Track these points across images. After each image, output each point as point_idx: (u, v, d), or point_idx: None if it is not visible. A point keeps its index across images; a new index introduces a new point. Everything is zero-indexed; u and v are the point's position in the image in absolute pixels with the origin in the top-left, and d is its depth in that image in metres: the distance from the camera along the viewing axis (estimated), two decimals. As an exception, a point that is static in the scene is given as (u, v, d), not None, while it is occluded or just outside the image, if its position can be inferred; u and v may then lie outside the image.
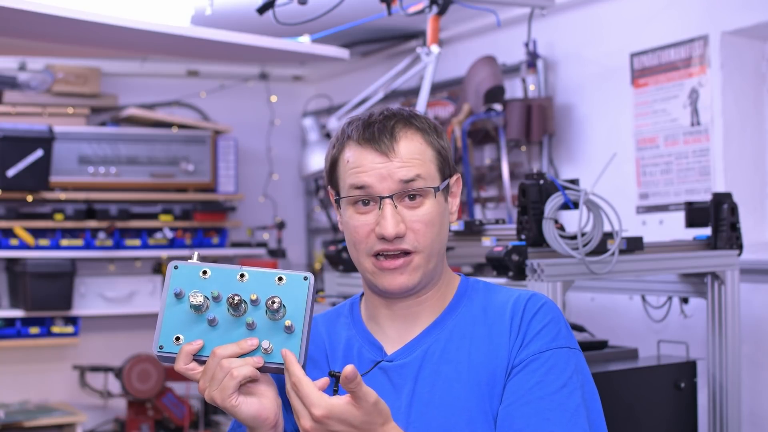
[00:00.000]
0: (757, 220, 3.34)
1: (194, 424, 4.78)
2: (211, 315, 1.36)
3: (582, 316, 3.59)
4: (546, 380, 1.43)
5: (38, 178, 4.51)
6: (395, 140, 1.48)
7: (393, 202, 1.47)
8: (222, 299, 1.38)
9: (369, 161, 1.47)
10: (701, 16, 3.35)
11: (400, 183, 1.47)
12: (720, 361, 2.56)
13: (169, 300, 1.39)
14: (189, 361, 1.36)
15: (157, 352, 1.38)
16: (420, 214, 1.48)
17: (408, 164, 1.47)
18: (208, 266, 1.40)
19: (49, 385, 4.86)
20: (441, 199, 1.52)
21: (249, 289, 1.38)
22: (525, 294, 1.53)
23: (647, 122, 3.55)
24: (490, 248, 2.29)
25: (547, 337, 1.47)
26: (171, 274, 1.40)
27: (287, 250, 5.19)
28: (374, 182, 1.47)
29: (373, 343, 1.55)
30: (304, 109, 5.42)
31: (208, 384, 1.33)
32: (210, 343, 1.36)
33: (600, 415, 1.48)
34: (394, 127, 1.49)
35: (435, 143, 1.52)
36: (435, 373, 1.48)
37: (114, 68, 5.09)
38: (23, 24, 3.11)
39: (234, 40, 3.35)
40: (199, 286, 1.38)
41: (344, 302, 1.66)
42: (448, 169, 1.54)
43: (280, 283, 1.38)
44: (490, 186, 4.15)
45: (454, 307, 1.55)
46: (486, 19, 4.08)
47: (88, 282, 4.75)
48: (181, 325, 1.37)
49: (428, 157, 1.50)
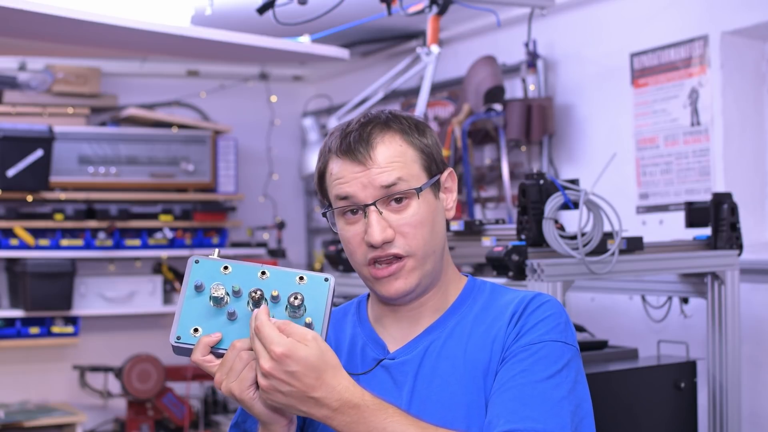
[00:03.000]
0: (757, 220, 3.34)
1: (194, 424, 4.78)
2: (231, 308, 1.37)
3: (582, 316, 3.59)
4: (533, 369, 1.42)
5: (38, 178, 4.51)
6: (371, 147, 1.48)
7: (377, 209, 1.47)
8: (242, 294, 1.38)
9: (349, 172, 1.48)
10: (701, 16, 3.35)
11: (381, 189, 1.47)
12: (720, 361, 2.56)
13: (189, 292, 1.39)
14: (206, 352, 1.36)
15: (174, 342, 1.37)
16: (407, 217, 1.48)
17: (387, 169, 1.47)
18: (230, 262, 1.41)
19: (49, 385, 4.86)
20: (430, 198, 1.51)
21: (270, 286, 1.38)
22: (531, 293, 1.53)
23: (647, 122, 3.55)
24: (490, 248, 2.29)
25: (543, 329, 1.46)
26: (192, 268, 1.40)
27: (287, 250, 5.18)
28: (357, 191, 1.47)
29: (377, 341, 1.56)
30: (304, 109, 5.42)
31: (226, 376, 1.34)
32: (228, 336, 1.36)
33: (589, 416, 1.45)
34: (371, 134, 1.49)
35: (417, 142, 1.51)
36: (433, 370, 1.49)
37: (114, 68, 5.09)
38: (23, 24, 3.11)
39: (234, 40, 3.36)
40: (220, 281, 1.39)
41: (352, 300, 1.67)
42: (435, 165, 1.53)
43: (301, 283, 1.39)
44: (490, 186, 4.15)
45: (457, 307, 1.55)
46: (486, 19, 4.08)
47: (88, 282, 4.75)
48: (199, 318, 1.38)
49: (409, 157, 1.50)
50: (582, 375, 1.48)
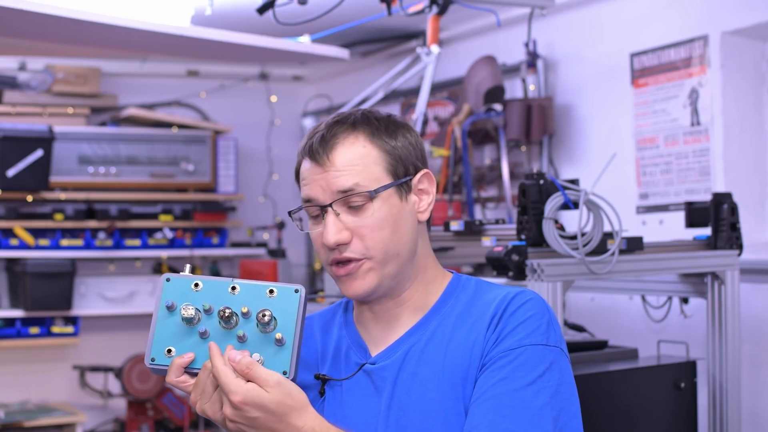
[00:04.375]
0: (757, 220, 3.34)
1: (194, 424, 4.78)
2: (203, 328, 1.37)
3: (582, 316, 3.59)
4: (512, 376, 1.39)
5: (38, 178, 4.51)
6: (331, 149, 1.47)
7: (334, 211, 1.46)
8: (213, 312, 1.38)
9: (311, 173, 1.49)
10: (701, 16, 3.35)
11: (337, 193, 1.46)
12: (720, 361, 2.56)
13: (161, 313, 1.39)
14: (180, 373, 1.36)
15: (149, 364, 1.38)
16: (364, 219, 1.46)
17: (345, 172, 1.46)
18: (200, 279, 1.40)
19: (49, 385, 4.86)
20: (394, 200, 1.48)
21: (240, 301, 1.38)
22: (513, 291, 1.49)
23: (647, 122, 3.55)
24: (490, 248, 2.29)
25: (521, 333, 1.43)
26: (163, 287, 1.40)
27: (287, 250, 5.18)
28: (317, 194, 1.48)
29: (360, 345, 1.55)
30: (304, 109, 5.42)
31: (200, 397, 1.34)
32: (201, 356, 1.36)
33: (575, 418, 1.43)
34: (334, 135, 1.48)
35: (383, 144, 1.49)
36: (412, 376, 1.47)
37: (114, 68, 5.09)
38: (23, 24, 3.11)
39: (234, 40, 3.36)
40: (190, 299, 1.38)
41: (340, 301, 1.66)
42: (404, 167, 1.50)
43: (271, 296, 1.38)
44: (490, 186, 4.15)
45: (439, 308, 1.53)
46: (486, 19, 4.08)
47: (88, 282, 4.76)
48: (172, 338, 1.38)
49: (372, 159, 1.47)
50: (567, 375, 1.44)
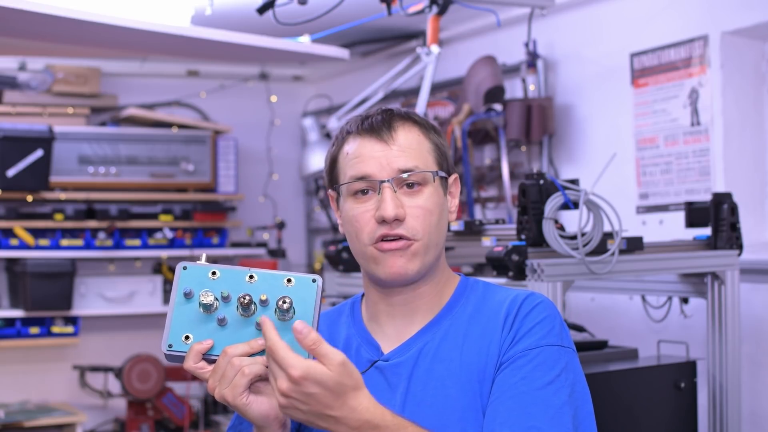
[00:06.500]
0: (757, 220, 3.34)
1: (194, 424, 4.78)
2: (221, 314, 1.37)
3: (582, 316, 3.59)
4: (532, 376, 1.43)
5: (38, 178, 4.51)
6: (393, 129, 1.52)
7: (392, 187, 1.49)
8: (231, 299, 1.38)
9: (368, 150, 1.51)
10: (701, 16, 3.35)
11: (398, 172, 1.49)
12: (720, 361, 2.56)
13: (179, 299, 1.40)
14: (199, 359, 1.36)
15: (166, 350, 1.38)
16: (419, 201, 1.50)
17: (406, 153, 1.50)
18: (218, 267, 1.41)
19: (49, 385, 4.86)
20: (440, 192, 1.54)
21: (258, 290, 1.38)
22: (523, 293, 1.54)
23: (647, 122, 3.55)
24: (490, 248, 2.29)
25: (538, 334, 1.47)
26: (180, 275, 1.41)
27: (287, 250, 5.19)
28: (374, 171, 1.50)
29: (371, 342, 1.56)
30: (304, 109, 5.42)
31: (218, 382, 1.34)
32: (219, 343, 1.36)
33: (590, 416, 1.47)
34: (392, 119, 1.53)
35: (433, 138, 1.56)
36: (428, 372, 1.49)
37: (114, 68, 5.09)
38: (23, 24, 3.11)
39: (234, 40, 3.36)
40: (208, 287, 1.39)
41: (345, 301, 1.67)
42: (447, 165, 1.57)
43: (289, 285, 1.39)
44: (490, 186, 4.15)
45: (451, 307, 1.56)
46: (486, 19, 4.08)
47: (88, 282, 4.76)
48: (190, 325, 1.38)
49: (425, 148, 1.54)
50: (580, 375, 1.49)
